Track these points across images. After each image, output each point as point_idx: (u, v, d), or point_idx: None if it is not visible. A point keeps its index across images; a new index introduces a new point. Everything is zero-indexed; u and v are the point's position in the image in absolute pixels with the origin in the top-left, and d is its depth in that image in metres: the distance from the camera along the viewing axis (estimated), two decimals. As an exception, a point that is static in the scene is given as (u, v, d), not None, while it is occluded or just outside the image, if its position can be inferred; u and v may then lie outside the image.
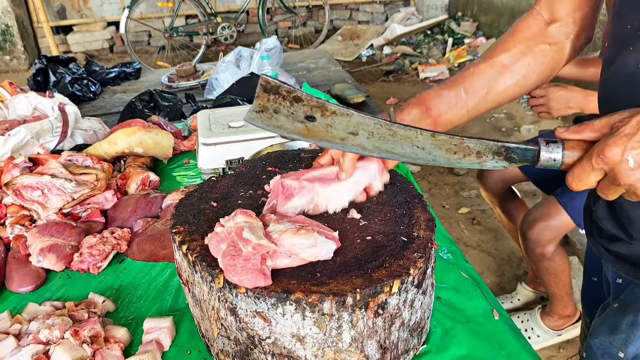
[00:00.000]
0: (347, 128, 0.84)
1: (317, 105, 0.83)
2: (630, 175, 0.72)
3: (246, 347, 0.88)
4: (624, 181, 0.73)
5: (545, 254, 2.19)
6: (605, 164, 0.73)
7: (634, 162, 0.71)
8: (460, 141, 0.84)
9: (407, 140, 0.85)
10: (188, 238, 0.94)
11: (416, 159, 0.87)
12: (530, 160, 0.83)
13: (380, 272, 0.84)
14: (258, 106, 0.83)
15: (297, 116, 0.84)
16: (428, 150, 0.86)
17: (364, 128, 0.85)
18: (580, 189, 0.78)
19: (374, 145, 0.86)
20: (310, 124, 0.84)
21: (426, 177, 3.99)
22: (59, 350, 0.98)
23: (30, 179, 1.52)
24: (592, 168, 0.75)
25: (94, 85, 2.99)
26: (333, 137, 0.86)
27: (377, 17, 8.19)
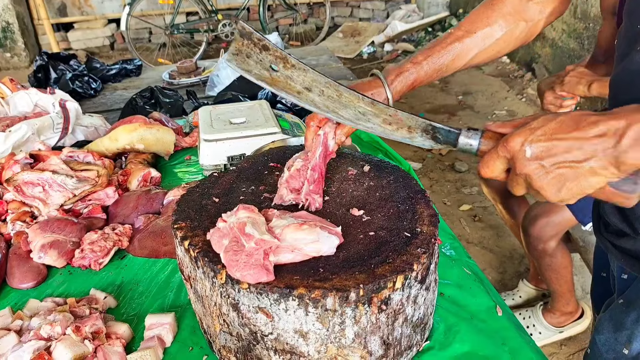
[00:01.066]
0: (303, 82, 0.94)
1: (280, 56, 0.93)
2: (526, 164, 0.76)
3: (248, 343, 0.88)
4: (520, 170, 0.77)
5: (546, 250, 2.19)
6: (507, 151, 0.78)
7: (530, 152, 0.75)
8: (395, 113, 0.92)
9: (350, 104, 0.94)
10: (190, 234, 0.93)
11: (357, 123, 0.95)
12: (451, 142, 0.90)
13: (384, 267, 0.84)
14: (234, 49, 0.94)
15: (264, 64, 0.94)
16: (367, 117, 0.94)
17: (317, 85, 0.94)
18: (487, 176, 0.82)
19: (323, 103, 0.95)
20: (275, 74, 0.94)
21: (427, 174, 3.98)
22: (60, 346, 0.97)
23: (31, 175, 1.51)
24: (498, 155, 0.79)
25: (94, 82, 2.98)
26: (291, 89, 0.95)
27: (378, 14, 8.18)
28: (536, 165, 0.75)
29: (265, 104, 1.93)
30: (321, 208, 1.02)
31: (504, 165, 0.80)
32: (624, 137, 0.69)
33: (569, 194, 0.75)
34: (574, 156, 0.73)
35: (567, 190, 0.75)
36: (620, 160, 0.70)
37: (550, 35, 5.30)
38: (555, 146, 0.74)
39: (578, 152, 0.72)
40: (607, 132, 0.71)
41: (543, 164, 0.75)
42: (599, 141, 0.71)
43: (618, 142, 0.70)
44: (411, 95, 5.47)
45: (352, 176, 1.14)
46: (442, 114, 5.00)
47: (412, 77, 1.14)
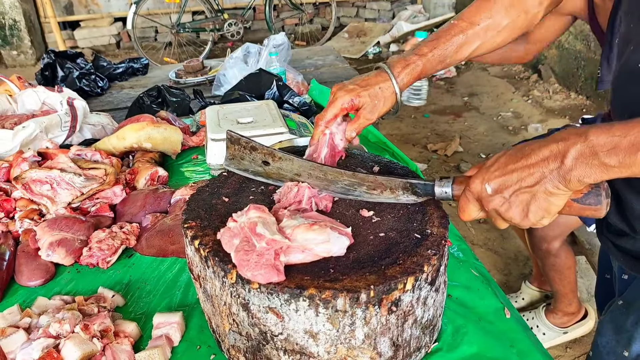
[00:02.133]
0: (292, 170, 1.05)
1: (268, 153, 1.07)
2: (490, 201, 0.82)
3: (258, 343, 0.88)
4: (487, 207, 0.83)
5: (550, 250, 2.19)
6: (473, 194, 0.85)
7: (490, 189, 0.81)
8: (375, 179, 1.01)
9: (336, 179, 1.03)
10: (200, 233, 0.93)
11: (348, 195, 1.04)
12: (430, 193, 0.96)
13: (394, 268, 0.84)
14: (229, 155, 1.10)
15: (256, 161, 1.08)
16: (354, 187, 1.03)
17: (304, 170, 1.05)
18: (467, 219, 0.89)
19: (315, 183, 1.04)
20: (267, 167, 1.07)
21: (433, 174, 3.98)
22: (69, 344, 0.97)
23: (39, 173, 1.52)
24: (467, 200, 0.87)
25: (101, 81, 2.98)
26: (284, 178, 1.06)
27: (383, 14, 8.17)
28: (499, 199, 0.81)
29: (273, 103, 1.93)
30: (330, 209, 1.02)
31: (477, 207, 0.86)
32: (566, 158, 0.74)
33: (536, 217, 0.80)
34: (527, 182, 0.78)
35: (534, 214, 0.80)
36: (567, 179, 0.75)
37: (557, 37, 5.28)
38: (509, 179, 0.80)
39: (529, 179, 0.78)
40: (549, 156, 0.76)
41: (504, 196, 0.81)
42: (545, 164, 0.76)
43: (562, 163, 0.75)
44: (416, 96, 5.46)
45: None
46: (448, 115, 4.99)
47: (418, 69, 1.15)
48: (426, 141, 4.51)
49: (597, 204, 0.80)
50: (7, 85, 2.27)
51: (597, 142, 0.72)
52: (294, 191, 1.02)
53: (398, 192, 1.00)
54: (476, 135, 4.60)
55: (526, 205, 0.79)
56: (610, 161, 0.71)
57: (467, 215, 0.88)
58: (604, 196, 0.80)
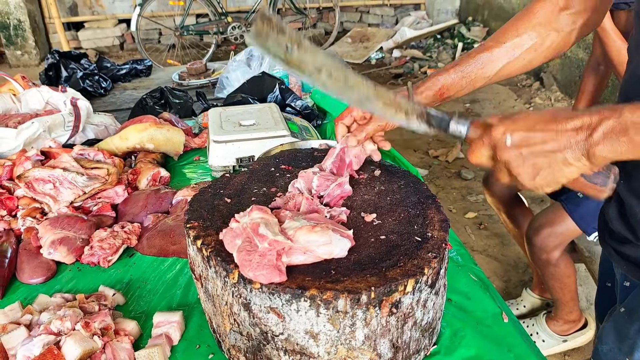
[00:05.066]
0: (314, 64, 0.98)
1: (295, 40, 0.99)
2: (505, 152, 0.82)
3: (259, 343, 0.88)
4: (500, 157, 0.83)
5: (550, 259, 2.19)
6: (491, 140, 0.84)
7: (511, 141, 0.80)
8: (394, 97, 0.98)
9: (355, 87, 0.98)
10: (202, 233, 0.94)
11: (362, 105, 1.00)
12: (443, 127, 0.95)
13: (395, 271, 0.84)
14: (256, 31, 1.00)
15: (281, 45, 0.99)
16: (370, 100, 0.98)
17: (326, 68, 0.99)
18: (474, 161, 0.88)
19: (333, 85, 0.98)
20: (289, 55, 0.99)
21: (434, 180, 3.98)
22: (70, 342, 0.98)
23: (42, 172, 1.53)
24: (483, 143, 0.86)
25: (105, 81, 2.99)
26: (303, 70, 1.00)
27: (387, 20, 8.19)
28: (515, 153, 0.81)
29: (275, 107, 1.94)
30: None
31: (489, 153, 0.86)
32: (596, 131, 0.74)
33: (543, 182, 0.81)
34: (550, 147, 0.78)
35: (542, 178, 0.80)
36: (591, 153, 0.75)
37: (559, 45, 5.30)
38: (533, 136, 0.79)
39: (553, 143, 0.78)
40: (581, 127, 0.76)
41: (521, 152, 0.80)
42: (573, 134, 0.76)
43: (590, 135, 0.75)
44: (418, 102, 5.47)
45: (363, 180, 1.15)
46: (449, 122, 4.99)
47: (439, 84, 1.15)
48: (427, 147, 4.52)
49: (603, 184, 0.80)
50: (11, 85, 2.28)
51: (631, 118, 0.72)
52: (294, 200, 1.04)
53: (412, 117, 0.98)
54: (477, 141, 4.61)
55: (539, 168, 0.80)
56: (638, 139, 0.72)
57: (476, 158, 0.88)
58: (612, 179, 0.80)
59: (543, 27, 1.14)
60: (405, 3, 8.18)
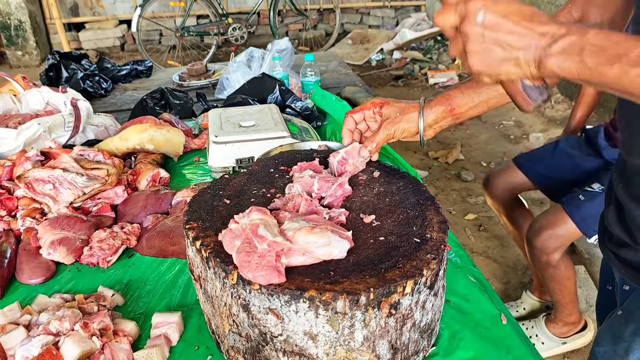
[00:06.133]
0: None
1: None
2: (471, 26, 0.78)
3: (257, 344, 0.88)
4: (464, 28, 0.79)
5: (550, 261, 2.19)
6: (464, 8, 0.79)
7: (481, 19, 0.77)
8: None
9: None
10: (202, 234, 0.94)
11: None
12: None
13: (394, 272, 0.84)
14: None
15: None
16: None
17: None
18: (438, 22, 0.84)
19: None
20: None
21: (433, 182, 3.99)
22: (68, 342, 0.98)
23: (42, 173, 1.53)
24: (454, 8, 0.81)
25: (105, 82, 3.00)
26: None
27: (387, 21, 8.20)
28: (478, 32, 0.78)
29: (275, 108, 1.94)
30: None
31: (455, 19, 0.81)
32: (556, 43, 0.73)
33: (485, 69, 0.79)
34: (511, 40, 0.76)
35: (487, 66, 0.79)
36: (543, 62, 0.75)
37: (559, 48, 5.30)
38: (503, 24, 0.77)
39: (516, 38, 0.76)
40: (547, 34, 0.74)
41: (484, 33, 0.78)
42: (537, 38, 0.75)
43: (549, 45, 0.74)
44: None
45: (362, 181, 1.15)
46: (449, 123, 5.00)
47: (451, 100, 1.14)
48: (427, 148, 4.52)
49: (534, 99, 0.80)
50: (12, 85, 2.29)
51: (592, 39, 0.72)
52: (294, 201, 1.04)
53: None
54: (477, 143, 4.61)
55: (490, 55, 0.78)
56: (588, 61, 0.71)
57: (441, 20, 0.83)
58: (543, 98, 0.80)
59: None
60: (405, 4, 8.19)
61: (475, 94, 1.14)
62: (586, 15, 1.10)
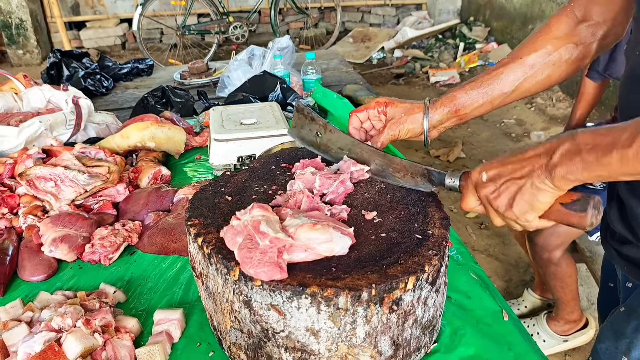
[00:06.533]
0: (337, 144, 1.19)
1: (322, 125, 1.21)
2: (483, 188, 0.89)
3: (259, 340, 0.88)
4: (480, 194, 0.90)
5: (552, 259, 2.19)
6: (472, 182, 0.92)
7: (486, 177, 0.89)
8: (400, 162, 1.10)
9: (371, 159, 1.14)
10: (203, 231, 0.94)
11: (380, 175, 1.13)
12: (442, 183, 1.03)
13: (396, 268, 0.84)
14: (294, 122, 1.25)
15: (312, 132, 1.23)
16: (383, 168, 1.13)
17: (347, 146, 1.17)
18: (466, 209, 0.95)
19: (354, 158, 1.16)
20: (319, 138, 1.22)
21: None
22: (70, 338, 0.98)
23: (43, 170, 1.53)
24: (469, 189, 0.94)
25: (106, 80, 3.00)
26: (330, 150, 1.21)
27: (388, 20, 8.20)
28: (491, 187, 0.88)
29: (276, 105, 1.94)
30: None
31: (475, 196, 0.92)
32: (554, 154, 0.80)
33: (521, 210, 0.85)
34: (518, 174, 0.84)
35: (518, 206, 0.85)
36: (553, 174, 0.80)
37: (561, 46, 5.29)
38: (504, 169, 0.86)
39: (520, 171, 0.84)
40: (542, 152, 0.82)
41: (496, 184, 0.87)
42: (536, 159, 0.82)
43: (550, 158, 0.80)
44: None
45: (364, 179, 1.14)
46: (451, 121, 4.99)
47: (455, 101, 1.15)
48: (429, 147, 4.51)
49: (582, 210, 0.82)
50: (13, 83, 2.29)
51: (583, 140, 0.77)
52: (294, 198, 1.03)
53: (417, 179, 1.07)
54: (479, 141, 4.61)
55: (513, 195, 0.85)
56: (589, 157, 0.76)
57: (465, 204, 0.94)
58: (591, 206, 0.82)
59: (561, 41, 1.11)
60: (406, 3, 8.19)
61: (479, 94, 1.14)
62: (589, 14, 1.10)
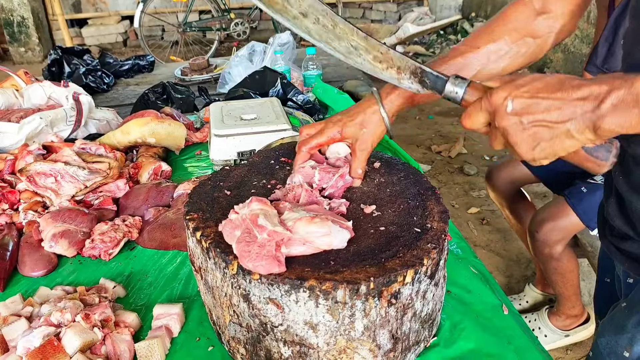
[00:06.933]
0: (300, 7, 0.92)
1: None
2: (505, 118, 0.77)
3: (258, 334, 0.88)
4: (499, 123, 0.78)
5: (553, 254, 2.18)
6: (489, 104, 0.79)
7: (512, 107, 0.76)
8: (386, 51, 0.91)
9: (344, 36, 0.93)
10: (202, 225, 0.94)
11: (348, 57, 0.94)
12: (437, 88, 0.90)
13: (394, 261, 0.84)
14: None
15: None
16: (359, 52, 0.93)
17: (313, 12, 0.92)
18: (468, 127, 0.83)
19: (317, 32, 0.93)
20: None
21: (436, 176, 3.98)
22: (70, 333, 0.98)
23: (44, 166, 1.53)
24: (480, 107, 0.80)
25: (107, 77, 3.00)
26: (287, 13, 0.94)
27: (390, 16, 8.18)
28: (515, 121, 0.76)
29: (276, 101, 1.94)
30: None
31: (485, 119, 0.81)
32: (604, 102, 0.70)
33: (542, 154, 0.77)
34: (553, 116, 0.74)
35: (541, 150, 0.76)
36: (598, 125, 0.72)
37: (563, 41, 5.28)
38: (536, 104, 0.75)
39: (557, 113, 0.74)
40: (589, 96, 0.72)
41: (522, 120, 0.76)
42: (580, 104, 0.72)
43: (597, 106, 0.71)
44: (421, 98, 5.46)
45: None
46: (452, 117, 4.99)
47: (407, 92, 1.07)
48: (430, 142, 4.51)
49: (604, 159, 0.77)
50: (14, 80, 2.29)
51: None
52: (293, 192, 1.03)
53: (404, 75, 0.92)
54: (480, 137, 4.60)
55: (539, 139, 0.76)
56: None
57: (470, 123, 0.83)
58: (613, 154, 0.77)
59: (519, 33, 1.09)
60: (408, -1, 8.18)
61: None
62: (547, 7, 1.08)
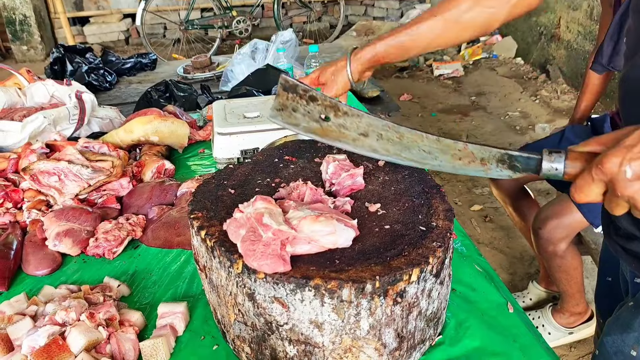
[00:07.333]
0: (358, 129, 0.89)
1: (330, 105, 0.89)
2: (627, 186, 0.69)
3: (263, 333, 0.88)
4: (622, 192, 0.70)
5: (557, 251, 2.18)
6: (604, 174, 0.71)
7: (631, 173, 0.68)
8: (464, 147, 0.86)
9: (413, 144, 0.89)
10: (206, 224, 0.94)
11: (424, 163, 0.90)
12: (532, 169, 0.81)
13: (399, 260, 0.84)
14: (278, 104, 0.91)
15: (313, 115, 0.91)
16: (434, 155, 0.88)
17: (374, 130, 0.89)
18: (583, 201, 0.75)
19: (383, 147, 0.90)
20: (325, 124, 0.90)
21: (439, 173, 3.97)
22: (74, 332, 0.98)
23: (47, 165, 1.53)
24: (592, 179, 0.72)
25: (110, 75, 3.00)
26: (345, 138, 0.91)
27: (392, 13, 8.15)
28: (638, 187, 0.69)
29: (280, 99, 1.93)
30: None
31: (601, 189, 0.73)
32: None
33: None
34: None
35: None
36: None
37: (566, 37, 5.27)
38: None
39: None
40: None
41: None
42: None
43: None
44: (424, 95, 5.46)
45: (367, 170, 1.14)
46: (455, 114, 4.98)
47: (375, 51, 1.27)
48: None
49: None
50: (17, 79, 2.28)
51: None
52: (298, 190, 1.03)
53: (490, 165, 0.85)
54: (483, 134, 4.59)
55: None
56: None
57: (584, 197, 0.74)
58: None
59: (475, 2, 1.18)
60: (410, -4, 8.15)
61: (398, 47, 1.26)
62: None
